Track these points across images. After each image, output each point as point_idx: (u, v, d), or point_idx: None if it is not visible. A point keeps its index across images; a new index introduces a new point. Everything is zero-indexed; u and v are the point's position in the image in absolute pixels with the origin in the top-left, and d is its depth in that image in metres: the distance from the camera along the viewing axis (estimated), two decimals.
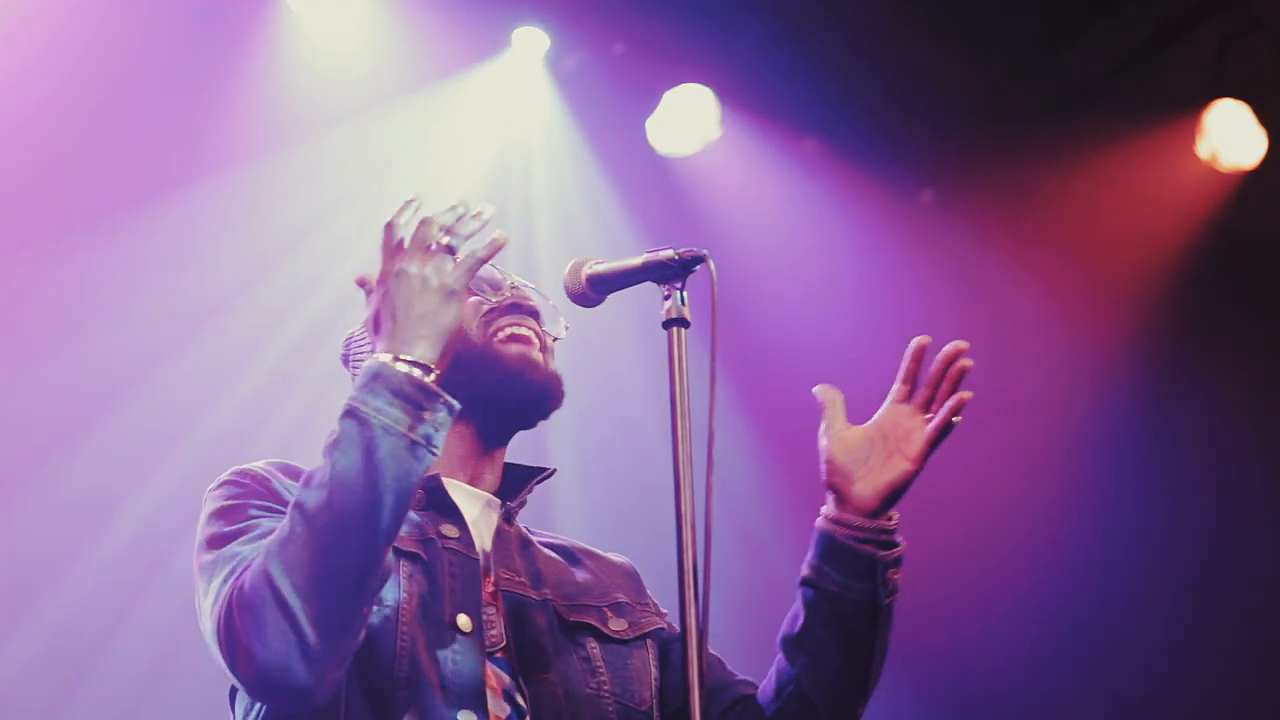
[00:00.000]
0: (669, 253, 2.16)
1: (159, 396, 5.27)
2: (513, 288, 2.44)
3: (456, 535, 2.26)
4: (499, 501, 2.38)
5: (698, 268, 2.16)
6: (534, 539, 2.43)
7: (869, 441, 2.27)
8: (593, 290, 2.28)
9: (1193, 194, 6.47)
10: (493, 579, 2.27)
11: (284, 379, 5.34)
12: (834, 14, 5.88)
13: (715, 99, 6.03)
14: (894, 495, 2.25)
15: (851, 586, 2.23)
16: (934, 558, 6.25)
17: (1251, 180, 6.37)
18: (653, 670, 2.36)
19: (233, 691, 2.25)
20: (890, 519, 2.27)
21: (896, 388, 2.29)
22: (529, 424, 2.43)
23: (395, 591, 2.14)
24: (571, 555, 2.47)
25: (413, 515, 2.24)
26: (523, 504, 2.41)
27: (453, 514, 2.29)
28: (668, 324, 2.12)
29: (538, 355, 2.37)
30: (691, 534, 2.03)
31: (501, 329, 2.37)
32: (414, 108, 5.69)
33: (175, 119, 5.31)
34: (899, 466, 2.24)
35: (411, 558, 2.19)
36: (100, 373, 5.21)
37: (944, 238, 6.43)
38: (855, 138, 6.24)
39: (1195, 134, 6.29)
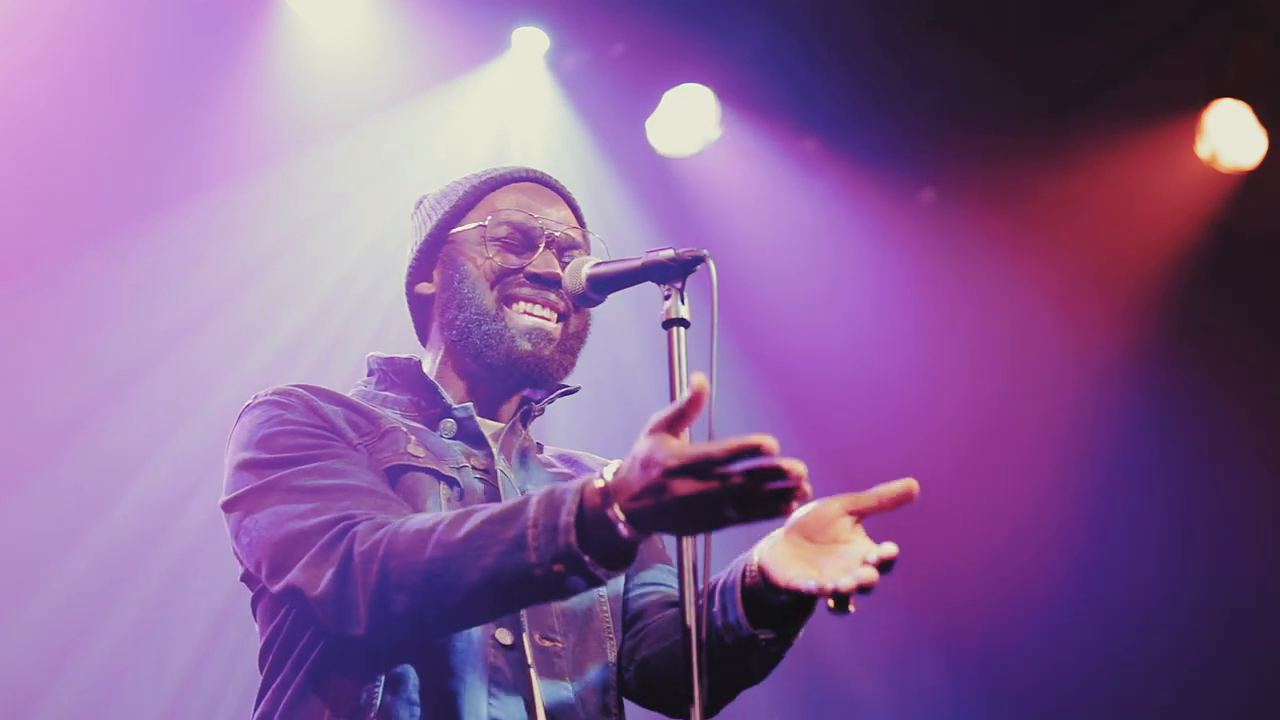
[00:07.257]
0: (669, 253, 2.15)
1: (155, 398, 5.27)
2: (547, 244, 2.45)
3: (483, 465, 2.35)
4: (514, 422, 2.45)
5: (698, 268, 2.15)
6: (534, 452, 2.50)
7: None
8: (593, 290, 2.29)
9: (1193, 194, 6.47)
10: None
11: (285, 365, 5.35)
12: (833, 15, 5.88)
13: (715, 99, 6.03)
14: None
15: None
16: (933, 555, 6.26)
17: (1251, 180, 6.37)
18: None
19: (263, 605, 2.28)
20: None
21: (845, 503, 2.08)
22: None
23: (439, 514, 2.16)
24: (572, 465, 2.53)
25: (448, 442, 2.36)
26: (541, 412, 2.48)
27: (481, 443, 2.39)
28: (668, 324, 2.10)
29: (552, 333, 2.41)
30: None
31: (517, 300, 2.42)
32: (414, 106, 5.70)
33: (176, 118, 5.31)
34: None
35: (450, 481, 2.29)
36: (100, 373, 5.21)
37: (944, 238, 6.43)
38: (855, 138, 6.24)
39: (1195, 134, 6.29)
